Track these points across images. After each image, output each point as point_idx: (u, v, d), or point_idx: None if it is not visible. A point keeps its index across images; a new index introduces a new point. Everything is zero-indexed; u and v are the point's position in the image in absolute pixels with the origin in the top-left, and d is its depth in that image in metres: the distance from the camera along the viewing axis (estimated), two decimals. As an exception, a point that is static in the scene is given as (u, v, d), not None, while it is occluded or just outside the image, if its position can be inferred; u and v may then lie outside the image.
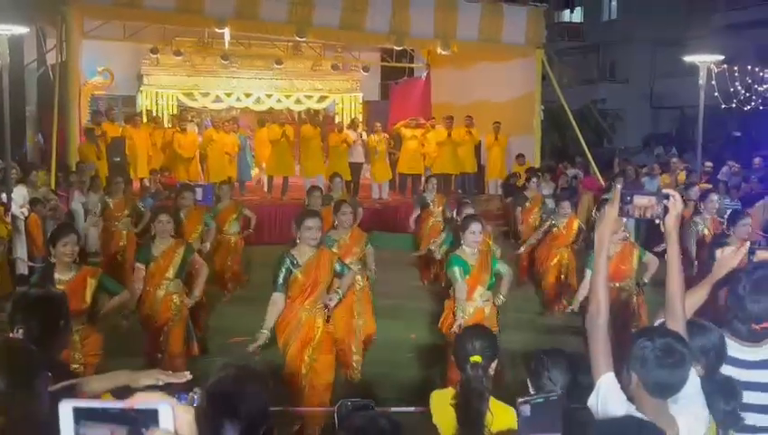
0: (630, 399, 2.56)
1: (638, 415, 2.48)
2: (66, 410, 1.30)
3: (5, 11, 10.07)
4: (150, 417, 1.31)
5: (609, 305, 2.74)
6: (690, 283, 3.15)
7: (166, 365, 5.85)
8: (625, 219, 2.83)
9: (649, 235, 11.67)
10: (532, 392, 3.19)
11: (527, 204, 11.51)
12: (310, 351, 5.80)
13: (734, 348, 3.05)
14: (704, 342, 2.94)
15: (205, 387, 2.25)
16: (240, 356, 5.90)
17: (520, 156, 15.83)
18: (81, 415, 1.30)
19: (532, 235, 10.26)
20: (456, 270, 6.11)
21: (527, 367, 3.35)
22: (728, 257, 3.17)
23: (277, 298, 5.72)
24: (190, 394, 2.01)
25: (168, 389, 2.50)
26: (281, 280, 5.74)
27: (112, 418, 1.31)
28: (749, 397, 2.97)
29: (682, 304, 2.82)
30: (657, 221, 2.78)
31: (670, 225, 2.77)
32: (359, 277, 7.24)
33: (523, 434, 2.20)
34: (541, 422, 2.21)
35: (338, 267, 6.05)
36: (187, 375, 2.70)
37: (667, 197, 2.74)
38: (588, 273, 6.54)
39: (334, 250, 6.68)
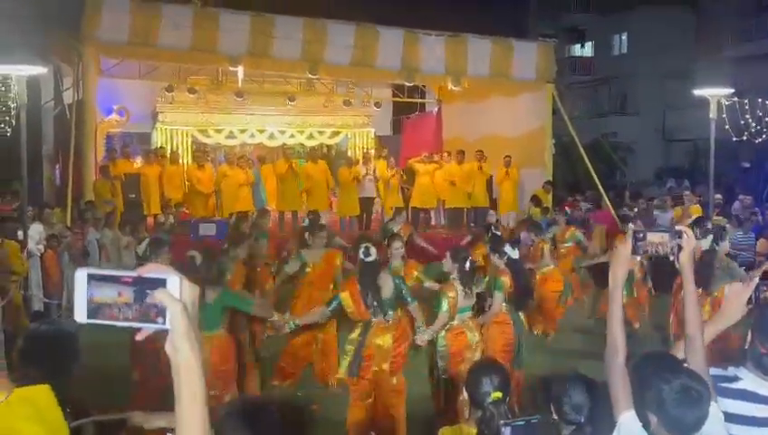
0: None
1: None
2: (81, 275, 1.36)
3: (23, 52, 10.26)
4: (159, 284, 1.36)
5: (626, 343, 2.74)
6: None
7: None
8: (637, 257, 2.83)
9: (659, 275, 11.68)
10: (554, 418, 3.20)
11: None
12: None
13: (757, 383, 2.97)
14: None
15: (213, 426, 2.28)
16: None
17: (547, 183, 15.87)
18: (93, 278, 1.36)
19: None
20: None
21: (549, 392, 3.31)
22: (737, 293, 3.14)
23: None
24: None
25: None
26: None
27: (121, 282, 1.36)
28: None
29: (702, 339, 2.82)
30: (671, 258, 2.80)
31: (684, 262, 2.79)
32: None
33: None
34: None
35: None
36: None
37: (680, 234, 2.76)
38: None
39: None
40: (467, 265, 6.31)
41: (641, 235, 2.76)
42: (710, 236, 7.16)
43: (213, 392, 5.71)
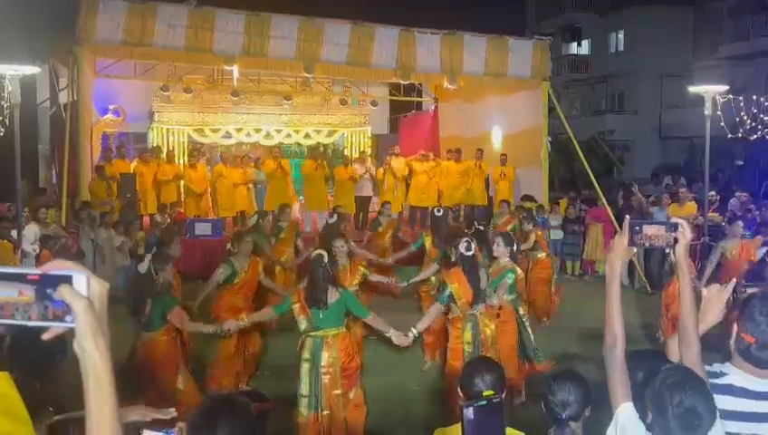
0: (649, 428, 2.55)
1: None
2: None
3: (18, 51, 10.27)
4: (64, 281, 1.31)
5: (624, 335, 2.74)
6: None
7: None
8: (634, 248, 2.83)
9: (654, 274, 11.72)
10: (543, 412, 3.21)
11: None
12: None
13: (744, 379, 2.95)
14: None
15: (187, 419, 2.30)
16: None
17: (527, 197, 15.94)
18: None
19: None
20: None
21: (539, 389, 3.33)
22: (715, 296, 3.13)
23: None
24: (177, 425, 2.06)
25: (155, 424, 2.56)
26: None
27: (24, 280, 1.31)
28: (763, 429, 2.90)
29: (696, 334, 2.82)
30: (667, 250, 2.79)
31: (680, 255, 2.78)
32: None
33: None
34: (485, 425, 2.20)
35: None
36: (172, 412, 2.77)
37: (675, 227, 2.75)
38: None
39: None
40: (515, 247, 7.31)
41: (638, 227, 2.75)
42: None
43: (338, 392, 5.94)
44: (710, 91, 12.33)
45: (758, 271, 7.90)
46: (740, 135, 15.75)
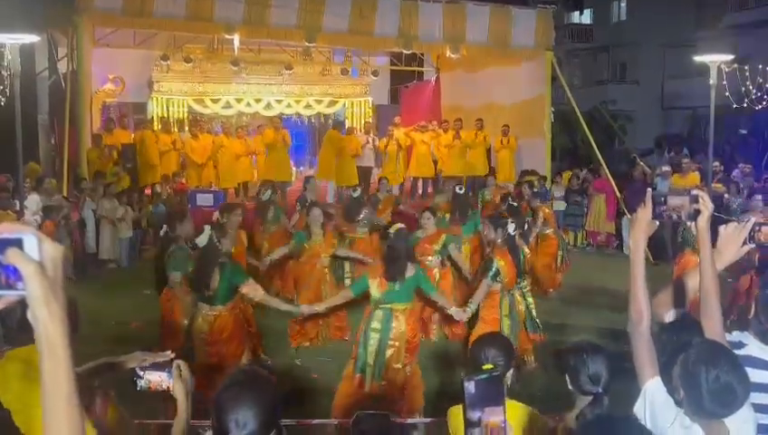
0: (678, 403, 2.54)
1: (687, 420, 2.49)
2: None
3: (17, 20, 10.14)
4: (14, 244, 1.23)
5: (650, 310, 2.72)
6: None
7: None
8: (657, 221, 2.81)
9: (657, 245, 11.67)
10: (570, 388, 3.17)
11: None
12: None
13: (762, 350, 2.99)
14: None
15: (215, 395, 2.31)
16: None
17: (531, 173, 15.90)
18: None
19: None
20: None
21: (564, 363, 3.22)
22: (732, 234, 3.08)
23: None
24: (175, 363, 2.07)
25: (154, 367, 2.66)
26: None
27: None
28: None
29: (717, 304, 2.80)
30: (688, 222, 2.79)
31: (702, 226, 2.78)
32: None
33: (470, 409, 2.22)
34: (485, 398, 2.24)
35: None
36: (169, 354, 2.81)
37: (697, 199, 2.76)
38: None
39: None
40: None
41: (662, 198, 2.76)
42: None
43: (398, 365, 5.94)
44: (716, 60, 12.19)
45: None
46: (745, 105, 15.65)
